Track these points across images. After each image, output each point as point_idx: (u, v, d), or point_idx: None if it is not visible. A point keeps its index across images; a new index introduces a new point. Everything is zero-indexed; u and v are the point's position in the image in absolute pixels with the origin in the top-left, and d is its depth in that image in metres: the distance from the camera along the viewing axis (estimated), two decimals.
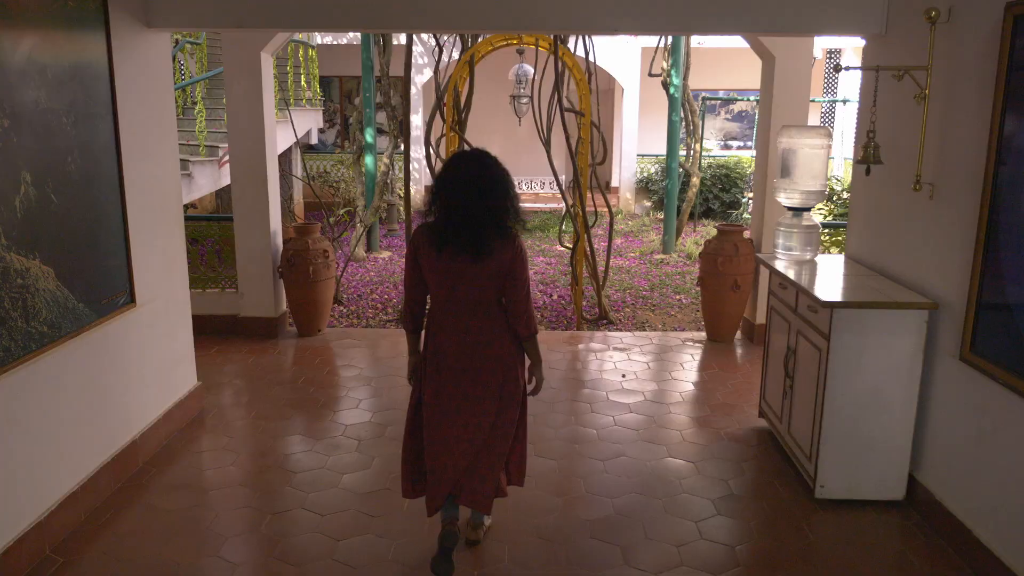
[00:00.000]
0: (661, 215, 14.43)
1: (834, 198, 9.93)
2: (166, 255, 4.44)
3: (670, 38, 10.72)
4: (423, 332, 3.15)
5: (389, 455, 4.27)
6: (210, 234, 6.52)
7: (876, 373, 3.59)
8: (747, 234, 6.32)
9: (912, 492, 3.71)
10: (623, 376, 5.54)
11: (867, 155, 3.56)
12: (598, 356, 6.01)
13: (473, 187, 2.89)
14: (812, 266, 4.29)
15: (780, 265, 4.29)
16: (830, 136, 4.24)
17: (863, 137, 3.92)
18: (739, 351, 6.19)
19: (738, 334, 6.50)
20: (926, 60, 3.49)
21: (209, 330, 6.45)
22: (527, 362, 3.20)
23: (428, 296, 3.11)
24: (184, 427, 4.60)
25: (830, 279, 4.04)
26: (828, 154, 4.27)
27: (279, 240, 6.41)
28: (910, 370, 3.58)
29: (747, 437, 4.55)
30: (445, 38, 12.09)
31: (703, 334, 6.64)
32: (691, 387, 5.38)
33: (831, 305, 3.51)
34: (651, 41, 14.36)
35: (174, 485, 3.94)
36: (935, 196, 3.54)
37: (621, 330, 7.08)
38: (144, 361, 4.20)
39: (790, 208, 4.39)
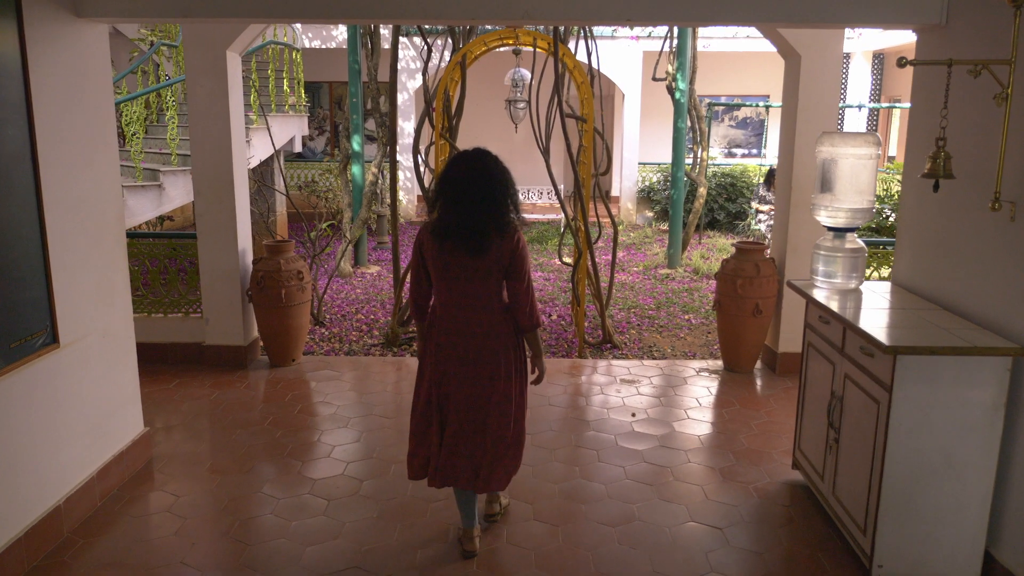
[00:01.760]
0: (664, 226, 13.83)
1: None
2: (102, 283, 3.80)
3: (675, 40, 10.13)
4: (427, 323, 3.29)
5: (362, 520, 3.62)
6: (173, 253, 5.88)
7: (947, 431, 2.96)
8: (768, 253, 5.70)
9: (989, 573, 3.07)
10: (633, 415, 4.90)
11: (936, 168, 2.94)
12: (603, 390, 5.37)
13: (472, 185, 3.02)
14: (857, 297, 3.66)
15: (820, 295, 3.67)
16: (879, 144, 3.62)
17: (924, 145, 3.32)
18: (760, 383, 5.56)
19: (758, 363, 5.87)
20: (1005, 52, 2.88)
21: (170, 360, 5.82)
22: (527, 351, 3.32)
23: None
24: (125, 484, 3.95)
25: (883, 314, 3.41)
26: (877, 165, 3.66)
27: (248, 259, 5.77)
28: (988, 428, 2.95)
29: (780, 494, 3.92)
30: (438, 40, 11.45)
31: (719, 362, 6.01)
32: (710, 428, 4.75)
33: (895, 351, 2.88)
34: (654, 45, 13.79)
35: (102, 563, 3.28)
36: (1018, 217, 2.92)
37: (627, 356, 6.45)
38: (71, 410, 3.55)
39: (831, 229, 3.76)
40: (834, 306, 3.50)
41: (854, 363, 3.27)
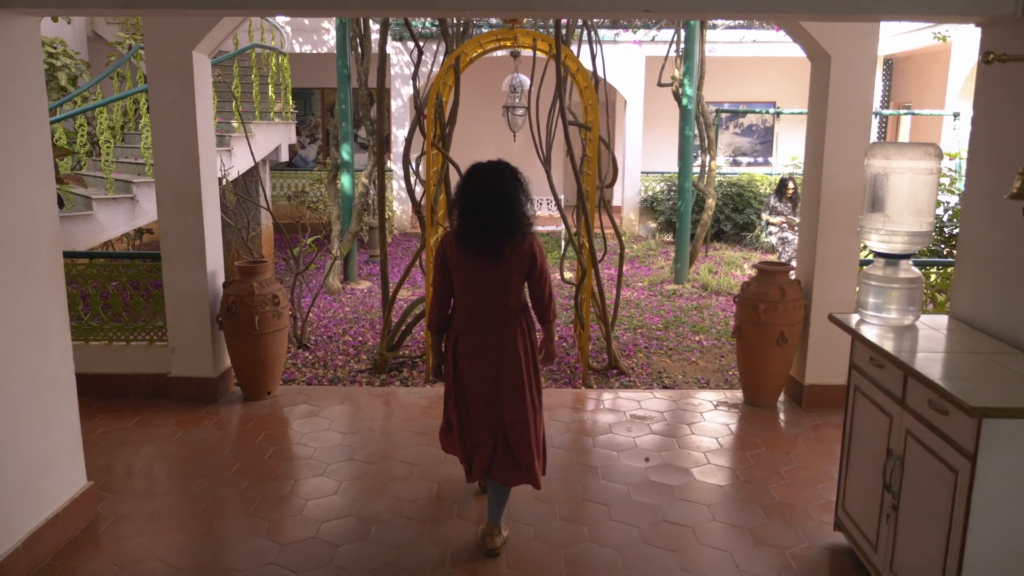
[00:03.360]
0: (668, 237, 13.31)
1: None
2: (31, 320, 3.26)
3: (682, 44, 9.64)
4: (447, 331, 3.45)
5: None
6: (136, 274, 5.34)
7: None
8: (792, 275, 5.16)
9: None
10: (646, 460, 4.36)
11: None
12: (612, 429, 4.82)
13: (485, 198, 3.22)
14: (914, 335, 3.13)
15: (872, 333, 3.13)
16: (940, 156, 3.09)
17: (990, 157, 2.79)
18: (785, 419, 5.02)
19: (781, 396, 5.33)
20: None
21: (133, 393, 5.28)
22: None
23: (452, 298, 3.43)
24: (60, 551, 3.40)
25: (952, 359, 2.88)
26: (937, 181, 3.13)
27: (219, 282, 5.23)
28: None
29: (821, 563, 3.37)
30: (432, 44, 10.95)
31: (737, 393, 5.47)
32: (734, 476, 4.21)
33: (983, 413, 2.34)
34: (657, 50, 13.30)
35: None
36: None
37: (635, 384, 5.90)
38: None
39: (883, 255, 3.23)
40: (889, 347, 2.97)
41: (920, 419, 2.74)
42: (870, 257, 6.04)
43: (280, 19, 12.92)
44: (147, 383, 5.26)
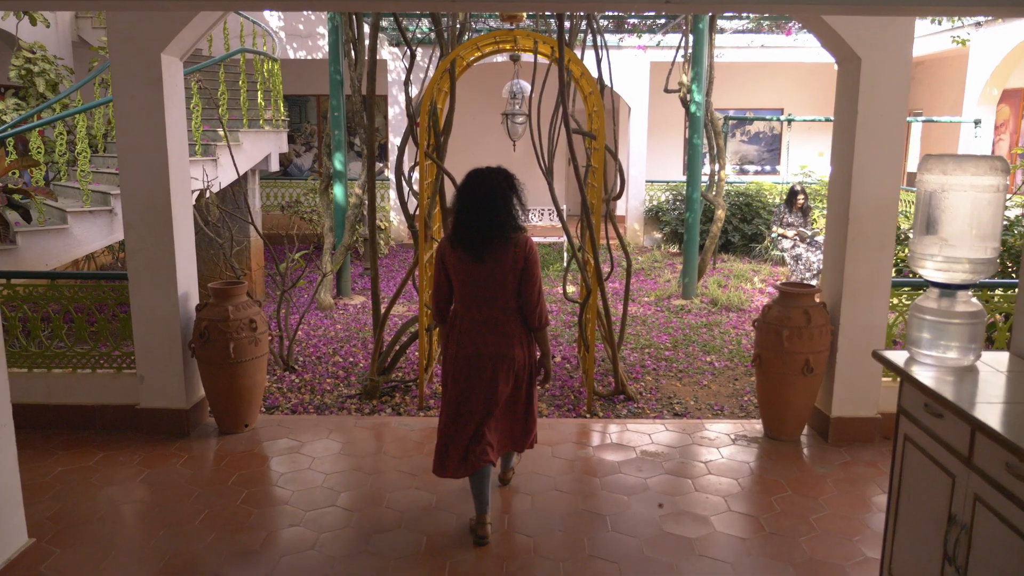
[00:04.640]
0: (673, 248, 12.89)
1: None
2: None
3: (690, 49, 9.23)
4: (447, 328, 3.55)
5: None
6: (102, 296, 4.92)
7: None
8: (818, 298, 4.73)
9: None
10: (660, 506, 3.92)
11: None
12: (621, 468, 4.38)
13: (473, 199, 3.33)
14: (976, 379, 2.69)
15: (926, 376, 2.70)
16: (1007, 170, 2.67)
17: None
18: (810, 455, 4.58)
19: (805, 429, 4.89)
20: None
21: (98, 425, 4.86)
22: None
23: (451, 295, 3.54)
24: None
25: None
26: (1004, 200, 2.70)
27: (191, 305, 4.80)
28: None
29: None
30: (431, 47, 10.52)
31: (756, 424, 5.04)
32: (759, 526, 3.76)
33: None
34: (662, 55, 12.92)
35: None
36: None
37: (645, 411, 5.46)
38: None
39: (938, 285, 2.80)
40: (950, 394, 2.54)
41: (993, 484, 2.30)
42: (898, 277, 5.61)
43: (273, 24, 12.55)
44: (114, 415, 4.83)
